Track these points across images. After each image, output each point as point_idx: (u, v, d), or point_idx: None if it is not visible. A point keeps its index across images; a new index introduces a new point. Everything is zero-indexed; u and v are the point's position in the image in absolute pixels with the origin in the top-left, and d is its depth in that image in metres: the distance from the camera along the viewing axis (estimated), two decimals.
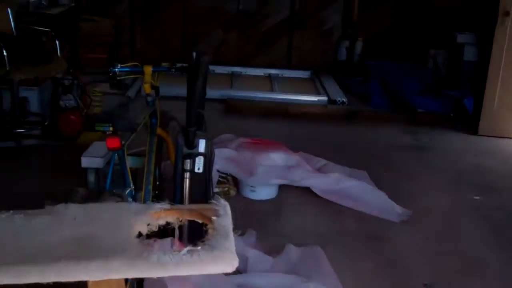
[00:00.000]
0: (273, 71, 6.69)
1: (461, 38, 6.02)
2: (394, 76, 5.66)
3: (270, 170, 3.50)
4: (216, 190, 3.54)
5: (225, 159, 3.55)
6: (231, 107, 5.35)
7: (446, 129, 5.33)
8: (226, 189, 3.63)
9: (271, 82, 6.33)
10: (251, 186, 3.59)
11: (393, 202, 3.63)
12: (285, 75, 6.68)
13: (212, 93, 4.88)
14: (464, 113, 5.40)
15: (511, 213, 3.69)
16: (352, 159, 4.43)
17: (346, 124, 5.32)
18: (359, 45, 6.69)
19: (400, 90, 5.57)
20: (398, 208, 3.58)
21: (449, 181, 4.17)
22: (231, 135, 4.03)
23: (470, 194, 3.97)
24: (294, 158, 3.68)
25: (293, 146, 4.51)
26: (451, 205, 3.78)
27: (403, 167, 4.41)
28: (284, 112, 5.35)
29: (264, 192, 3.61)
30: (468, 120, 5.40)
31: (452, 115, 5.46)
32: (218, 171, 3.56)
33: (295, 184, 3.62)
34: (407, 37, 6.63)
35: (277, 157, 3.63)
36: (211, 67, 6.45)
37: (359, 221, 3.45)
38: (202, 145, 2.46)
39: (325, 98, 5.73)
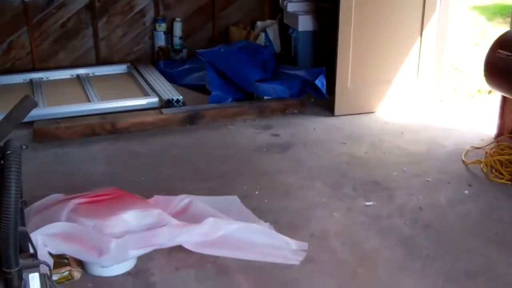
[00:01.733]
0: (81, 71, 5.53)
1: (292, 7, 5.42)
2: (230, 63, 4.82)
3: (126, 240, 2.51)
4: (54, 277, 2.48)
5: (57, 236, 2.47)
6: (41, 134, 4.12)
7: (301, 115, 4.71)
8: (66, 273, 2.58)
9: (83, 86, 5.15)
10: None
11: (283, 237, 2.89)
12: (98, 73, 5.56)
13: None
14: (317, 94, 4.81)
15: (415, 222, 3.16)
16: (214, 178, 3.63)
17: (191, 130, 4.41)
18: (178, 27, 5.78)
19: (240, 77, 4.78)
20: (292, 243, 2.86)
21: (331, 185, 3.53)
22: (58, 195, 2.87)
23: (360, 200, 3.38)
24: (152, 211, 2.70)
25: (137, 178, 3.58)
26: (345, 223, 3.14)
27: (275, 177, 3.67)
28: (111, 129, 4.27)
29: (118, 265, 2.62)
30: (321, 102, 4.85)
31: (301, 98, 4.84)
32: (50, 254, 2.49)
33: (164, 247, 2.68)
34: (229, 11, 5.90)
35: (130, 218, 2.62)
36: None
37: (251, 278, 2.63)
38: (34, 283, 1.46)
39: (155, 100, 4.74)
